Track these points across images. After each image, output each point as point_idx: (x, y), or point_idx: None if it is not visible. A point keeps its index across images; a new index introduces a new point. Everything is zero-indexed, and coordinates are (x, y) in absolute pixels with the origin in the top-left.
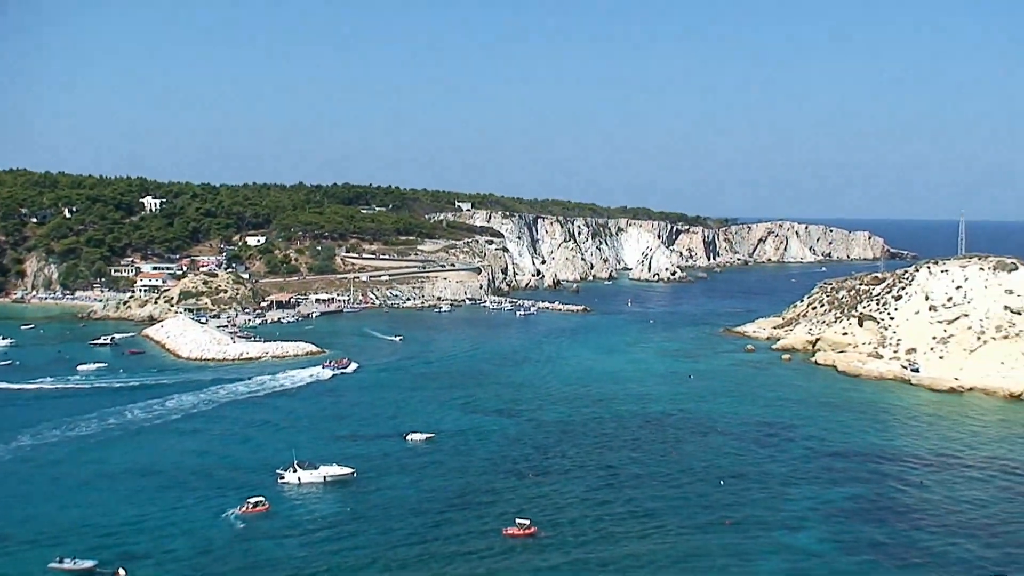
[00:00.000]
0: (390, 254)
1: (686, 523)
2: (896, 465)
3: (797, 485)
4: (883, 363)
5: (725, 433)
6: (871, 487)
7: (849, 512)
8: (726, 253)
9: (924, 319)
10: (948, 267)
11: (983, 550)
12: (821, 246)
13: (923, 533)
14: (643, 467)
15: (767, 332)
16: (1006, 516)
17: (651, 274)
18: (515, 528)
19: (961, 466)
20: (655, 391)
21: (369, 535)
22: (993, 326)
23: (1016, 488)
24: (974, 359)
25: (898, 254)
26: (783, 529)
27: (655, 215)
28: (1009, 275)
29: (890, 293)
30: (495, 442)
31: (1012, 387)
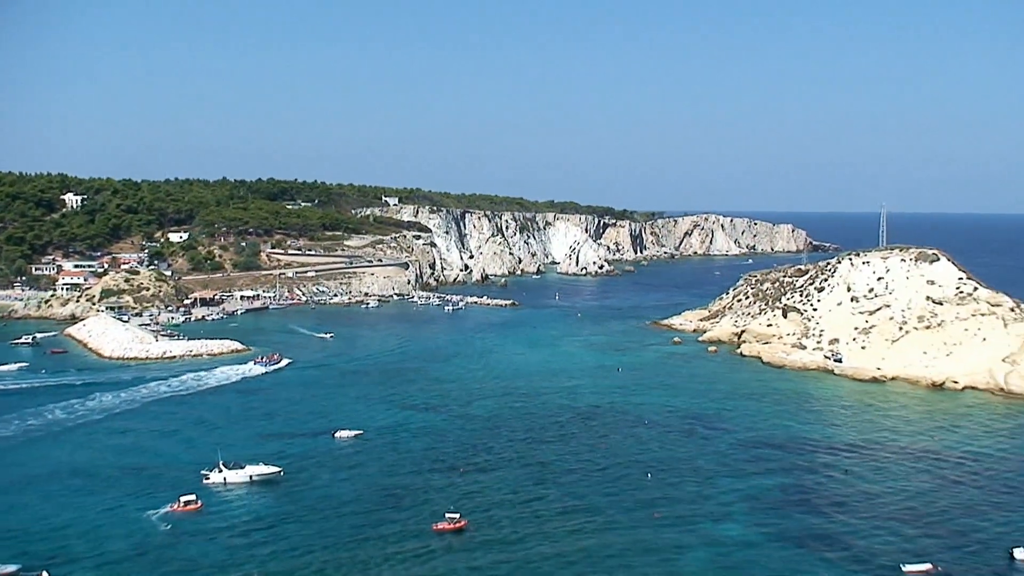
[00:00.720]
0: (316, 250)
1: (615, 516)
2: (820, 454)
3: (724, 476)
4: (807, 354)
5: (653, 425)
6: (796, 476)
7: (775, 502)
8: (653, 246)
9: (846, 310)
10: (870, 259)
11: (907, 537)
12: (746, 239)
13: (847, 521)
14: (572, 460)
15: (694, 324)
16: (929, 503)
17: (579, 268)
18: (445, 523)
19: (884, 454)
20: (584, 384)
21: (299, 534)
22: (915, 316)
23: (938, 475)
24: (896, 349)
25: (821, 246)
26: (710, 520)
27: (582, 209)
28: (931, 266)
29: (813, 285)
30: (424, 438)
31: (934, 376)
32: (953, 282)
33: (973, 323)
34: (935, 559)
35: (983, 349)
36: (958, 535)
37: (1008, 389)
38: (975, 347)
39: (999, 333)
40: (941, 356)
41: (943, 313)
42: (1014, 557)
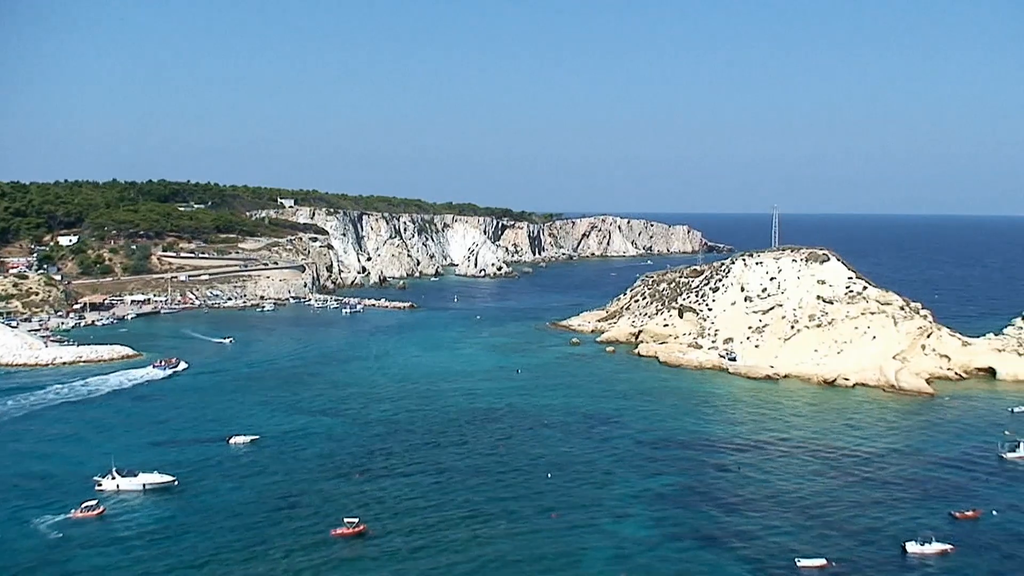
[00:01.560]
0: (210, 253)
1: (514, 517)
2: (716, 451)
3: (622, 475)
4: (703, 353)
5: (552, 426)
6: (693, 474)
7: (672, 499)
8: (551, 248)
9: (740, 310)
10: (763, 259)
11: (802, 532)
12: (643, 240)
13: (743, 517)
14: (472, 462)
15: (592, 325)
16: (823, 499)
17: (477, 270)
18: (343, 528)
19: (778, 451)
20: (483, 386)
21: (195, 543)
22: (806, 315)
23: (831, 471)
24: (788, 347)
25: (715, 247)
26: (609, 519)
27: (481, 211)
28: (821, 266)
29: (708, 285)
30: (321, 443)
31: (825, 373)
32: (843, 281)
33: (863, 321)
34: (829, 554)
35: (873, 347)
36: (852, 530)
37: (898, 386)
38: (865, 345)
39: (889, 331)
40: (832, 354)
41: (834, 312)
42: (906, 551)
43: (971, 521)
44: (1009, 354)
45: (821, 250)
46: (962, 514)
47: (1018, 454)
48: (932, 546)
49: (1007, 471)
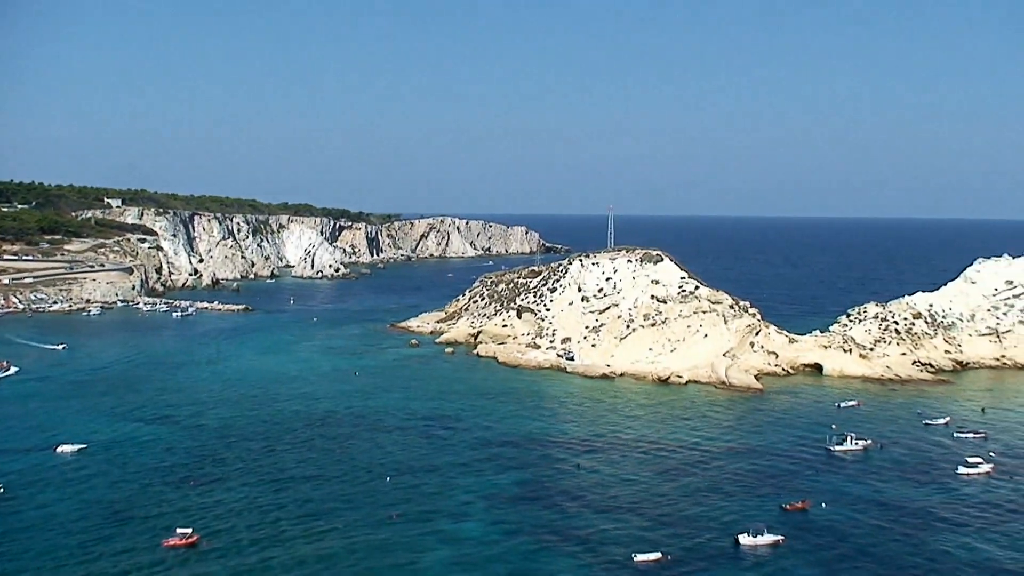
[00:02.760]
0: (33, 255)
1: (354, 522)
2: (555, 450)
3: (462, 475)
4: (541, 353)
5: (392, 428)
6: (532, 473)
7: (512, 498)
8: (390, 249)
9: (578, 310)
10: (599, 260)
11: (638, 527)
12: (481, 241)
13: (581, 514)
14: (310, 467)
15: (431, 326)
16: (658, 494)
17: (314, 271)
18: (176, 538)
19: (615, 448)
20: (321, 390)
21: (17, 557)
22: (641, 315)
23: (666, 467)
24: (624, 346)
25: (553, 248)
26: (449, 519)
27: (318, 211)
28: (655, 266)
29: (546, 286)
30: (153, 450)
31: (659, 372)
32: (676, 281)
33: (695, 320)
34: (665, 548)
35: (705, 344)
36: (687, 523)
37: (729, 382)
38: (697, 343)
39: (720, 329)
40: (666, 352)
41: (667, 311)
42: (739, 543)
43: (801, 512)
44: (835, 350)
45: (655, 251)
46: (792, 506)
47: (845, 447)
48: (764, 537)
49: (835, 464)
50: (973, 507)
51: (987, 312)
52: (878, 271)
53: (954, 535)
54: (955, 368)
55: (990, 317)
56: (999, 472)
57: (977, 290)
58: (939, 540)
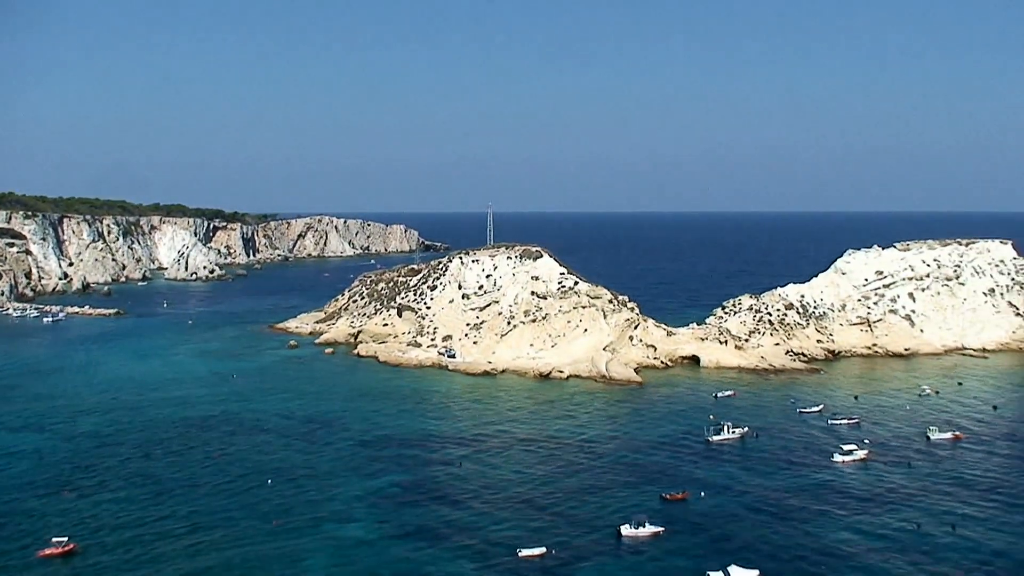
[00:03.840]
0: None
1: (236, 527)
2: (438, 448)
3: (344, 477)
4: (422, 351)
5: (272, 431)
6: (416, 472)
7: (396, 498)
8: (266, 249)
9: (458, 307)
10: (479, 257)
11: (522, 522)
12: (360, 240)
13: (465, 511)
14: (188, 473)
15: (310, 327)
16: (541, 489)
17: (188, 273)
18: (51, 548)
19: (498, 444)
20: (197, 394)
21: None
22: (522, 311)
23: (548, 461)
24: (505, 343)
25: (433, 246)
26: (332, 522)
27: (191, 212)
28: (535, 263)
29: (426, 284)
30: (25, 460)
31: (541, 367)
32: (556, 277)
33: (575, 315)
34: (549, 542)
35: (585, 339)
36: (570, 517)
37: (609, 376)
38: (577, 338)
39: (599, 324)
40: (547, 348)
41: (547, 307)
42: (621, 534)
43: (681, 502)
44: (711, 342)
45: (535, 247)
46: (672, 496)
47: (723, 437)
48: (645, 529)
49: (713, 453)
50: (848, 492)
51: (858, 302)
52: (752, 264)
53: (830, 520)
54: (827, 357)
55: (861, 307)
56: (872, 457)
57: (848, 281)
58: (816, 525)
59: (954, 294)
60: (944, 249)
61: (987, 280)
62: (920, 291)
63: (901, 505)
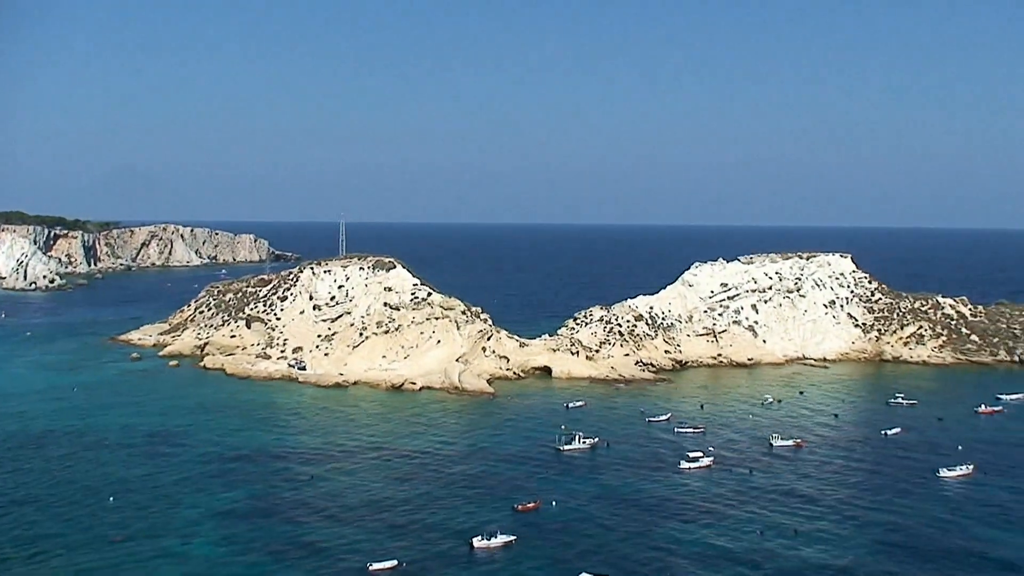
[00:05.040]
0: None
1: (75, 546)
2: (288, 463)
3: (190, 492)
4: (271, 363)
5: (115, 447)
6: (264, 486)
7: (243, 514)
8: (108, 258)
9: (309, 318)
10: (331, 267)
11: (373, 536)
12: (207, 249)
13: (315, 526)
14: (28, 490)
15: (154, 339)
16: (393, 501)
17: (27, 283)
18: None
19: (349, 458)
20: (36, 408)
21: None
22: (374, 322)
23: (400, 474)
24: (357, 354)
25: (283, 256)
26: (177, 538)
27: (30, 219)
28: (388, 273)
29: (276, 294)
30: None
31: (393, 379)
32: (409, 288)
33: (428, 327)
34: (401, 555)
35: (438, 351)
36: (422, 530)
37: (462, 387)
38: (430, 349)
39: (452, 335)
40: (400, 359)
41: (400, 318)
42: (473, 546)
43: (532, 512)
44: (563, 353)
45: (387, 258)
46: (524, 506)
47: (574, 447)
48: (497, 539)
49: (564, 463)
50: (695, 498)
51: (704, 313)
52: (603, 276)
53: (678, 526)
54: (675, 367)
55: (707, 318)
56: (718, 464)
57: (694, 292)
58: (664, 531)
59: (795, 306)
60: (786, 262)
61: (827, 292)
62: (763, 303)
63: (745, 511)
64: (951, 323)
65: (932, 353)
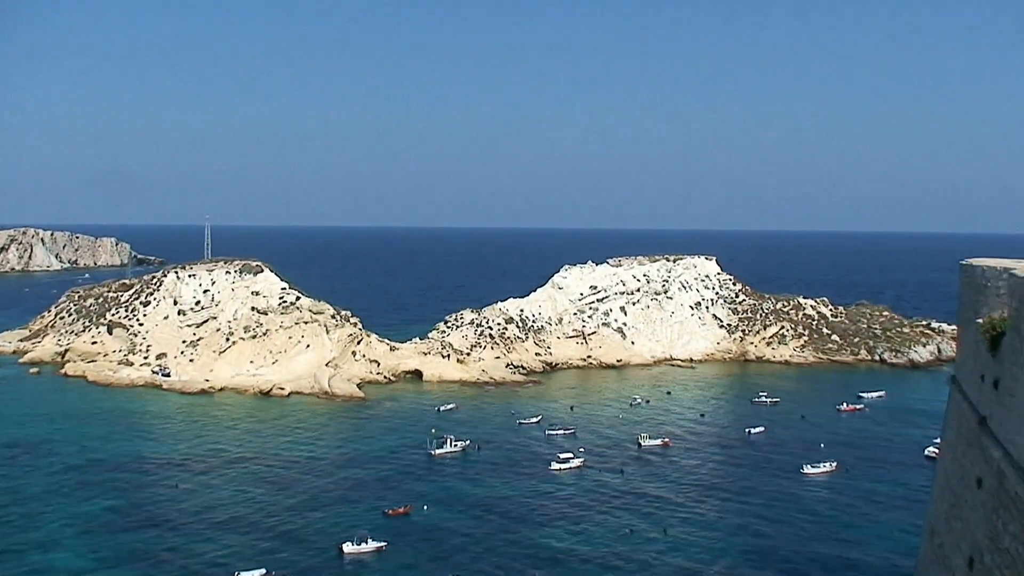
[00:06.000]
0: None
1: None
2: (153, 471)
3: (52, 503)
4: (135, 370)
5: None
6: (129, 496)
7: (108, 524)
8: None
9: (174, 324)
10: (196, 272)
11: (241, 544)
12: (68, 253)
13: (182, 534)
14: None
15: (13, 345)
16: (260, 509)
17: None
18: None
19: (215, 465)
20: None
21: None
22: (241, 327)
23: (268, 481)
24: (224, 360)
25: (146, 260)
26: (39, 551)
27: None
28: (255, 277)
29: (139, 300)
30: None
31: (261, 384)
32: (277, 292)
33: (297, 331)
34: (270, 563)
35: (307, 355)
36: (292, 537)
37: (332, 392)
38: (299, 354)
39: (322, 340)
40: (268, 364)
41: (268, 323)
42: (343, 552)
43: (403, 517)
44: (434, 356)
45: (255, 261)
46: (395, 511)
47: (445, 450)
48: (367, 545)
49: (435, 467)
50: (566, 499)
51: (573, 315)
52: (474, 279)
53: (550, 528)
54: (545, 369)
55: (576, 320)
56: (588, 465)
57: (564, 295)
58: (536, 533)
59: (663, 307)
60: (653, 265)
61: (693, 294)
62: (631, 305)
63: (615, 510)
64: (812, 323)
65: (794, 353)
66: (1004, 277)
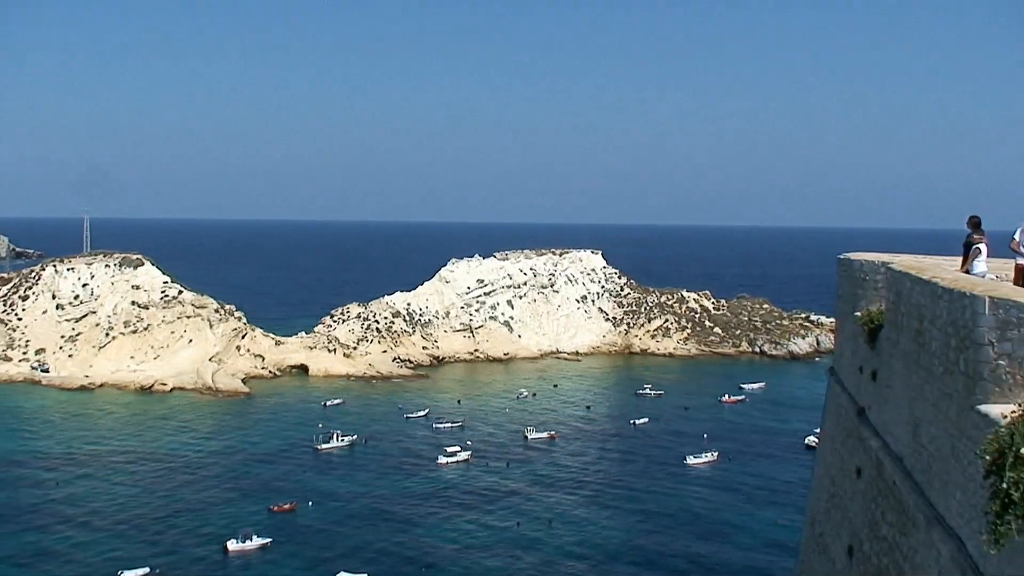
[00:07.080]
0: None
1: None
2: (30, 469)
3: None
4: (12, 366)
5: None
6: (5, 496)
7: None
8: None
9: (52, 318)
10: (75, 265)
11: (123, 544)
12: None
13: (61, 534)
14: None
15: None
16: (143, 506)
17: None
18: None
19: (96, 462)
20: None
21: None
22: (122, 322)
23: (150, 479)
24: (104, 356)
25: (24, 253)
26: None
27: None
28: (135, 271)
29: (17, 294)
30: None
31: (143, 381)
32: (158, 286)
33: (179, 326)
34: (153, 562)
35: (190, 350)
36: (175, 535)
37: (216, 387)
38: (182, 349)
39: (205, 334)
40: (149, 360)
41: (150, 317)
42: (227, 549)
43: (289, 513)
44: (319, 351)
45: (135, 255)
46: (280, 507)
47: (332, 445)
48: (252, 542)
49: (322, 462)
50: (453, 493)
51: (461, 309)
52: (359, 272)
53: (438, 521)
54: (433, 363)
55: (464, 314)
56: (475, 459)
57: (451, 289)
58: (424, 527)
59: (549, 301)
60: (540, 258)
61: (580, 288)
62: (518, 298)
63: (502, 503)
64: (695, 316)
65: (678, 345)
66: (881, 271)
